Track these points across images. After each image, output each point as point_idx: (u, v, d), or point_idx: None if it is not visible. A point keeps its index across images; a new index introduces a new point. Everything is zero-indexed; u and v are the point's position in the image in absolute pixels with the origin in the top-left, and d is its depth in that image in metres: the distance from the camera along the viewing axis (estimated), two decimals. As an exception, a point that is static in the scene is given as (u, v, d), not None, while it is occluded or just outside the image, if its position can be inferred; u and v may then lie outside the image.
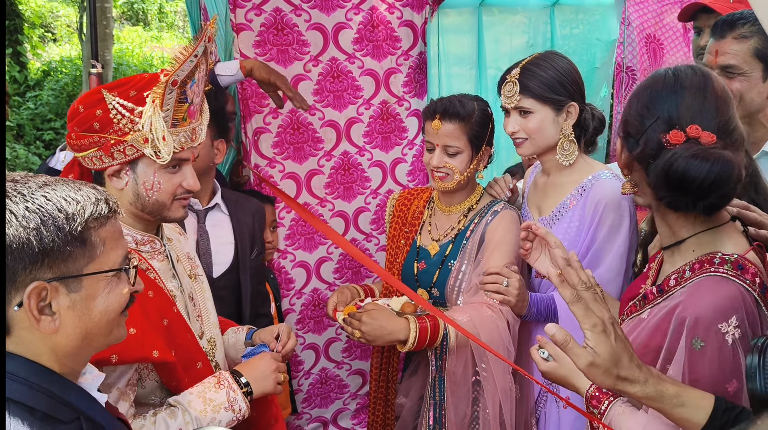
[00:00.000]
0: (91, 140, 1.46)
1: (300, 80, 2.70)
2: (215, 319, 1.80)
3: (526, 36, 3.21)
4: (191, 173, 1.57)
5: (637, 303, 1.45)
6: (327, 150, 2.82)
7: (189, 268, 1.75)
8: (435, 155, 2.07)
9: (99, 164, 1.49)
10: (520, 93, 1.96)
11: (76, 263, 1.01)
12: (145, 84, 1.44)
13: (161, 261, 1.62)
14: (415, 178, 3.00)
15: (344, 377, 3.10)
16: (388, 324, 1.92)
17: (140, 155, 1.47)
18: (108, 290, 1.07)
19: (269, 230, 2.65)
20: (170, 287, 1.61)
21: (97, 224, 1.04)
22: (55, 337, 1.02)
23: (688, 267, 1.33)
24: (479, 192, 2.21)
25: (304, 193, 2.81)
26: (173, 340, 1.52)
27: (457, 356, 1.98)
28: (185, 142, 1.52)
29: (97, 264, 1.04)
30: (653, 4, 3.34)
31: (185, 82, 1.46)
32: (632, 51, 3.37)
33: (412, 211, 2.29)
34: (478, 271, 2.05)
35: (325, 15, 2.68)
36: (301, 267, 2.88)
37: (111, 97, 1.42)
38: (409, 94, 2.91)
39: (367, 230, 2.97)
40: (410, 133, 2.94)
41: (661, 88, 1.32)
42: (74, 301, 1.02)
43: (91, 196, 1.05)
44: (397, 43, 2.84)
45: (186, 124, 1.52)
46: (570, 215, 2.00)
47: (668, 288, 1.35)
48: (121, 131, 1.44)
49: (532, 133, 1.98)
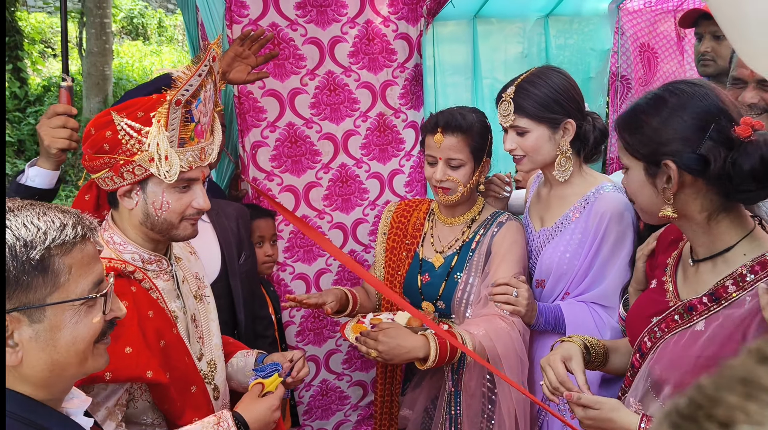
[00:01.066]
0: (103, 161, 1.48)
1: (297, 94, 2.72)
2: (218, 341, 1.78)
3: (521, 46, 3.23)
4: (201, 193, 1.57)
5: (678, 317, 1.43)
6: (325, 163, 2.83)
7: (196, 288, 1.75)
8: (438, 169, 2.07)
9: (111, 185, 1.52)
10: (514, 113, 1.96)
11: (37, 293, 0.96)
12: (152, 105, 1.46)
13: (166, 281, 1.62)
14: (412, 189, 3.01)
15: (345, 389, 3.10)
16: (406, 342, 1.88)
17: (149, 175, 1.49)
18: (75, 320, 1.01)
19: (269, 244, 2.65)
20: (173, 307, 1.61)
21: (61, 250, 0.99)
22: (20, 368, 0.97)
23: (747, 270, 1.34)
24: (481, 203, 2.22)
25: (302, 206, 2.82)
26: (169, 362, 1.52)
27: (471, 370, 1.97)
28: (193, 162, 1.52)
29: (61, 293, 0.99)
30: (646, 13, 3.37)
31: (190, 101, 1.47)
32: (626, 60, 3.39)
33: (412, 222, 2.29)
34: (486, 283, 2.06)
35: (320, 29, 2.71)
36: (300, 279, 2.89)
37: (119, 118, 1.45)
38: (405, 106, 2.93)
39: (365, 242, 2.98)
40: (407, 144, 2.96)
41: (688, 99, 1.34)
42: (38, 332, 0.97)
43: (55, 221, 1.00)
44: (393, 56, 2.86)
45: (194, 143, 1.52)
46: (573, 227, 2.01)
47: (727, 295, 1.36)
48: (129, 152, 1.46)
49: (529, 151, 1.99)
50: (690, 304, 1.42)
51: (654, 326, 1.47)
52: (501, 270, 2.03)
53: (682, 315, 1.43)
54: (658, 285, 1.56)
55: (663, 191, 1.38)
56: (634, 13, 3.38)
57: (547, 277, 2.06)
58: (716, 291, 1.38)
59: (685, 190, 1.36)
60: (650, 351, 1.46)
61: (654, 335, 1.47)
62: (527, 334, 2.00)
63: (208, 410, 1.62)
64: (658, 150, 1.36)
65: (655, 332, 1.47)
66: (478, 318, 2.01)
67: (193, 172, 1.53)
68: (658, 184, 1.38)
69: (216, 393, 1.71)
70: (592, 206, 1.97)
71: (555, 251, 2.03)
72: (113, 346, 1.37)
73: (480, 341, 1.88)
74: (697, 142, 1.31)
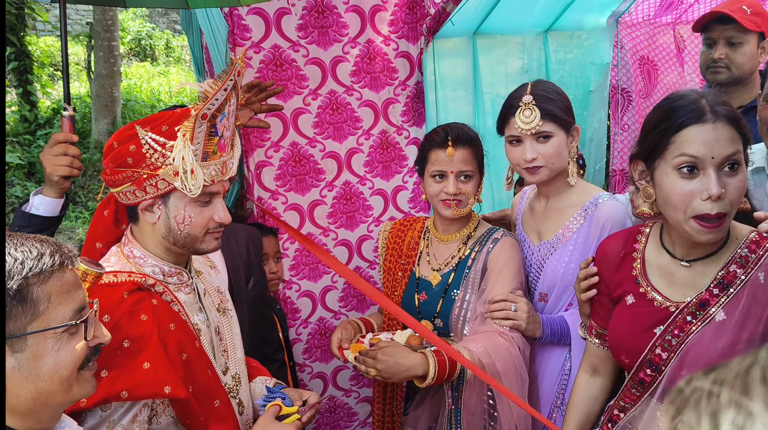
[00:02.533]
0: (125, 175, 1.47)
1: (300, 114, 2.76)
2: (242, 355, 1.77)
3: (521, 61, 3.24)
4: (222, 206, 1.57)
5: (691, 316, 1.45)
6: (329, 181, 2.87)
7: (218, 301, 1.75)
8: (450, 183, 2.06)
9: (133, 199, 1.51)
10: (541, 118, 1.93)
11: (17, 322, 0.97)
12: (176, 119, 1.45)
13: (188, 294, 1.62)
14: (416, 204, 3.04)
15: (353, 405, 3.11)
16: (405, 360, 1.87)
17: (172, 189, 1.48)
18: (58, 348, 1.02)
19: (273, 261, 2.67)
20: (195, 320, 1.60)
21: (38, 279, 0.99)
22: (6, 399, 0.97)
23: (746, 250, 1.44)
24: (476, 219, 2.22)
25: (307, 224, 2.85)
26: (192, 375, 1.50)
27: (471, 386, 1.96)
28: (216, 176, 1.52)
29: (42, 321, 0.99)
30: (645, 27, 3.39)
31: (215, 115, 1.48)
32: (626, 73, 3.41)
33: (407, 242, 2.29)
34: (482, 300, 2.05)
35: (322, 50, 2.75)
36: (306, 297, 2.91)
37: (144, 132, 1.44)
38: (407, 123, 2.96)
39: (370, 258, 3.00)
40: (410, 161, 2.99)
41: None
42: (20, 361, 0.98)
43: (33, 251, 1.01)
44: (394, 74, 2.90)
45: (216, 157, 1.52)
46: (575, 238, 2.01)
47: (736, 277, 1.43)
48: (153, 166, 1.46)
49: (550, 157, 1.96)
50: (700, 300, 1.44)
51: (664, 335, 1.47)
52: (497, 286, 2.03)
53: (694, 314, 1.44)
54: (637, 298, 1.57)
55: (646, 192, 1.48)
56: (632, 27, 3.40)
57: (551, 290, 2.06)
58: (725, 278, 1.43)
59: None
60: (669, 361, 1.46)
61: (669, 344, 1.46)
62: (527, 350, 2.00)
63: (233, 424, 1.60)
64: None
65: (669, 341, 1.46)
66: (476, 335, 2.01)
67: (215, 186, 1.53)
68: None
69: (241, 408, 1.69)
70: (593, 215, 1.98)
71: (559, 262, 2.03)
72: (131, 362, 1.38)
73: (479, 358, 1.88)
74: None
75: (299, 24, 2.68)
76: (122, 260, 1.57)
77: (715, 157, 1.36)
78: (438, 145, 2.08)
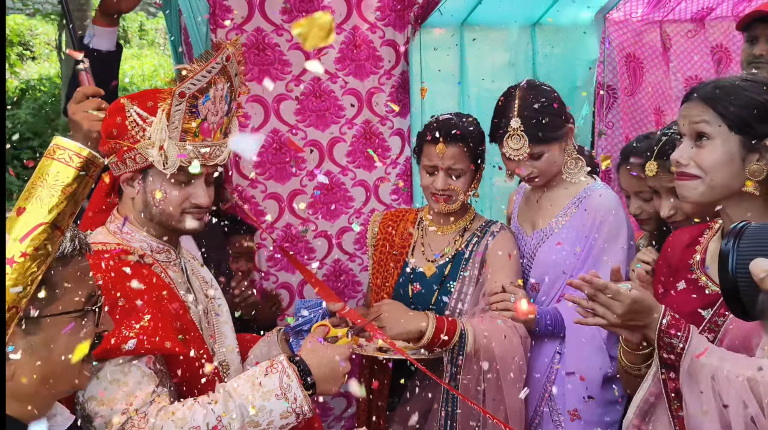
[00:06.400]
0: (110, 146, 1.54)
1: (282, 100, 2.69)
2: (232, 343, 1.73)
3: (507, 55, 3.22)
4: (203, 189, 1.56)
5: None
6: (309, 170, 2.80)
7: (206, 289, 1.73)
8: (439, 179, 2.06)
9: (116, 171, 1.56)
10: (530, 144, 1.97)
11: (34, 304, 0.98)
12: (161, 96, 1.49)
13: (176, 272, 1.62)
14: (399, 196, 2.99)
15: (328, 399, 3.05)
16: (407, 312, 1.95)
17: (149, 164, 1.51)
18: (69, 333, 1.03)
19: (244, 260, 2.58)
20: (183, 299, 1.58)
21: (59, 262, 1.01)
22: (12, 380, 0.98)
23: None
24: (473, 211, 2.23)
25: (286, 214, 2.79)
26: (186, 344, 1.47)
27: (469, 370, 1.94)
28: (194, 157, 1.51)
29: (57, 305, 1.01)
30: (633, 24, 3.38)
31: (197, 96, 1.48)
32: (612, 70, 3.40)
33: (399, 232, 2.26)
34: (482, 292, 2.07)
35: (306, 35, 2.67)
36: (284, 288, 2.86)
37: (131, 105, 1.51)
38: (391, 114, 2.91)
39: (350, 250, 2.95)
40: (393, 152, 2.94)
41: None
42: (31, 344, 0.99)
43: None
44: (380, 63, 2.85)
45: (198, 139, 1.52)
46: (568, 226, 2.06)
47: None
48: (133, 139, 1.51)
49: (544, 170, 2.03)
50: None
51: (713, 317, 1.51)
52: (497, 279, 2.04)
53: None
54: (689, 283, 1.59)
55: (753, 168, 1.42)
56: (620, 23, 3.38)
57: (542, 278, 2.09)
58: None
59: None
60: (714, 341, 1.48)
61: (715, 324, 1.50)
62: (528, 340, 2.00)
63: None
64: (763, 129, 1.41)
65: (715, 322, 1.50)
66: (483, 316, 2.00)
67: (194, 168, 1.51)
68: (749, 160, 1.42)
69: None
70: (585, 205, 2.03)
71: (551, 250, 2.06)
72: (127, 321, 1.37)
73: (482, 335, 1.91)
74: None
75: (283, 7, 2.62)
76: (109, 236, 1.57)
77: None
78: (429, 140, 2.07)
